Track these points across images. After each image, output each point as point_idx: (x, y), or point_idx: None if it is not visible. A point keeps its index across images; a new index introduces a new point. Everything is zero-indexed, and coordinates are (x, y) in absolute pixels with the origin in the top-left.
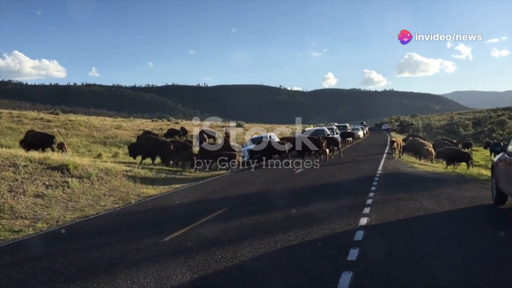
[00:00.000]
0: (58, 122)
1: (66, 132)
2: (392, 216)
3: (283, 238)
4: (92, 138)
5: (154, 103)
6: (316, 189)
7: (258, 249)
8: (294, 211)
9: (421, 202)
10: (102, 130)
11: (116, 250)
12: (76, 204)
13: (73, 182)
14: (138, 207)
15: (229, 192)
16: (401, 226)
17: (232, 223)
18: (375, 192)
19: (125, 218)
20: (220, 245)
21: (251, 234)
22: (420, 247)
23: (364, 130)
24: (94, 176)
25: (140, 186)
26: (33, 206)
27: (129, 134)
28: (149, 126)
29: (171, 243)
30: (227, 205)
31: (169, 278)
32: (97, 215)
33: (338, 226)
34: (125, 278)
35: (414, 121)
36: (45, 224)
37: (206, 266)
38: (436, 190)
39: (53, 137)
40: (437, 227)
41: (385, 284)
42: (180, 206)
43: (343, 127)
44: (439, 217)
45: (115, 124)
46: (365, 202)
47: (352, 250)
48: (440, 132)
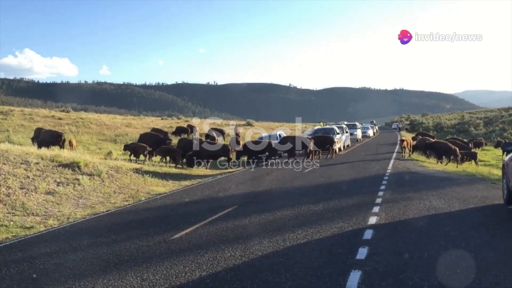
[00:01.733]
0: (69, 120)
1: (77, 130)
2: (402, 215)
3: (292, 236)
4: (102, 135)
5: (164, 101)
6: (325, 188)
7: (267, 247)
8: (303, 209)
9: (430, 201)
10: (112, 128)
11: (126, 247)
12: (87, 201)
13: (84, 180)
14: (147, 205)
15: (238, 190)
16: (410, 225)
17: (241, 221)
18: (385, 191)
19: (135, 216)
20: (229, 243)
21: (260, 232)
22: (429, 247)
23: (374, 129)
24: (104, 173)
25: (149, 183)
26: (44, 203)
27: (139, 132)
28: (158, 124)
29: (180, 241)
30: (237, 203)
31: (178, 275)
32: (108, 212)
33: (347, 224)
34: (134, 275)
35: (424, 120)
36: (56, 221)
37: (215, 263)
38: (446, 190)
39: (61, 135)
40: (447, 227)
41: (394, 283)
42: (190, 204)
43: (353, 125)
44: (449, 216)
45: (125, 122)
46: (374, 201)
47: (361, 249)
48: (451, 131)
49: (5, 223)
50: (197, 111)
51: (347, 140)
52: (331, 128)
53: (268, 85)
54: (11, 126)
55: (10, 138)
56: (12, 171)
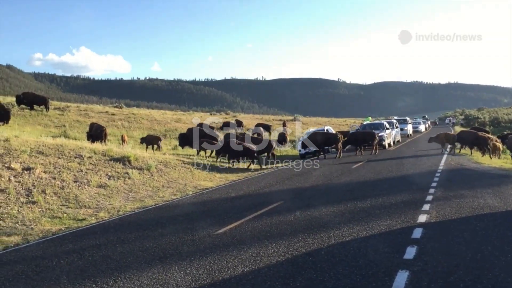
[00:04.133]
0: (122, 116)
1: (129, 125)
2: (454, 213)
3: (337, 234)
4: (153, 131)
5: (213, 97)
6: (373, 184)
7: (311, 244)
8: (349, 206)
9: (485, 199)
10: (162, 123)
11: (171, 241)
12: (136, 194)
13: (134, 174)
14: (194, 199)
15: (284, 186)
16: (463, 225)
17: (286, 217)
18: (436, 188)
19: (181, 210)
20: (273, 239)
21: (304, 228)
22: (483, 247)
23: (426, 124)
24: (153, 168)
25: (197, 178)
26: (96, 196)
27: (188, 127)
28: (207, 119)
29: (224, 236)
30: (282, 198)
31: (221, 270)
32: (156, 206)
33: (395, 222)
34: (178, 269)
35: (480, 114)
36: (107, 214)
37: (258, 259)
38: (502, 187)
39: (103, 129)
40: (502, 227)
41: (444, 285)
42: (235, 198)
43: (403, 120)
44: (505, 216)
45: (175, 118)
46: (424, 198)
47: (409, 248)
48: (509, 126)
49: (59, 215)
50: (246, 107)
51: (398, 135)
52: (380, 123)
53: (316, 80)
54: (67, 122)
55: (67, 133)
56: (66, 164)
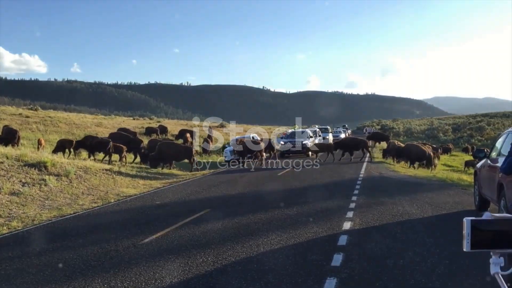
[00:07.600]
0: (37, 118)
1: (45, 129)
2: (376, 220)
3: (266, 242)
4: (72, 135)
5: (136, 101)
6: (299, 192)
7: (241, 253)
8: (277, 214)
9: (404, 206)
10: (82, 127)
11: (93, 252)
12: (53, 202)
13: (51, 180)
14: (117, 207)
15: (211, 193)
16: (384, 231)
17: (214, 225)
18: (358, 195)
19: (103, 218)
20: (201, 248)
21: (233, 236)
22: (404, 253)
23: (346, 133)
24: (72, 174)
25: (120, 185)
26: (8, 204)
27: (110, 131)
28: (130, 124)
29: (150, 245)
30: (209, 206)
31: (148, 282)
32: (75, 215)
33: (321, 230)
34: (101, 282)
35: (395, 125)
36: (20, 223)
37: (187, 270)
38: (418, 195)
39: (15, 132)
40: (421, 233)
41: None
42: (161, 206)
43: (325, 129)
44: (423, 222)
45: (96, 122)
46: (348, 205)
47: (336, 255)
48: (421, 136)
49: None
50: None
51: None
52: (304, 131)
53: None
54: None
55: None
56: None
